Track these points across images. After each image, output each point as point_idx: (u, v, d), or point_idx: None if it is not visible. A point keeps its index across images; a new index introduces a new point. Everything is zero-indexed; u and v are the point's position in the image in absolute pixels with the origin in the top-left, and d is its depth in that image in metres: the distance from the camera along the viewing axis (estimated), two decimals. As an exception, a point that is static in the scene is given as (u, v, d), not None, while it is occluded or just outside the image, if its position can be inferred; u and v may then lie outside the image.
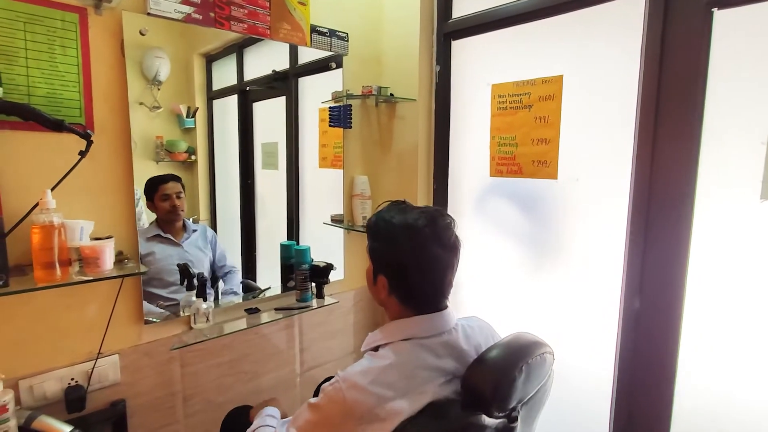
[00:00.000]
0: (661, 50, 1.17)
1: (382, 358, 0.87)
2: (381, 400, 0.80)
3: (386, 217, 0.93)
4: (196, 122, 1.60)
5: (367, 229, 0.97)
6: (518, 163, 1.54)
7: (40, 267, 1.00)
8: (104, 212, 1.20)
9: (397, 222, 0.90)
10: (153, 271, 1.44)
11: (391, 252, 0.91)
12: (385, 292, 0.93)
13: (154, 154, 1.51)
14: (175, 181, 1.52)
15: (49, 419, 1.08)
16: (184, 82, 1.59)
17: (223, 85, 1.72)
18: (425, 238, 0.88)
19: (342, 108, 1.71)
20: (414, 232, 0.88)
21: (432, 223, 0.89)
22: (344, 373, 0.86)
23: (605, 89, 1.32)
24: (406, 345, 0.89)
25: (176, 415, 1.40)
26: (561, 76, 1.40)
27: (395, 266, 0.91)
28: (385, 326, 0.95)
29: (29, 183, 1.07)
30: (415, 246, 0.88)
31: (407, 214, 0.91)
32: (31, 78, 1.08)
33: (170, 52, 1.50)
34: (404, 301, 0.93)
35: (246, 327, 1.47)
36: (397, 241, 0.89)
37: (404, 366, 0.85)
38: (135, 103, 1.41)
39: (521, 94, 1.51)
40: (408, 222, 0.89)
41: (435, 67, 1.76)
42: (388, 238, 0.91)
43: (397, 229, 0.90)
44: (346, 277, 1.85)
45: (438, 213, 0.93)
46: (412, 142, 1.79)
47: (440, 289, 0.93)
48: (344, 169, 1.81)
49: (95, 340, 1.21)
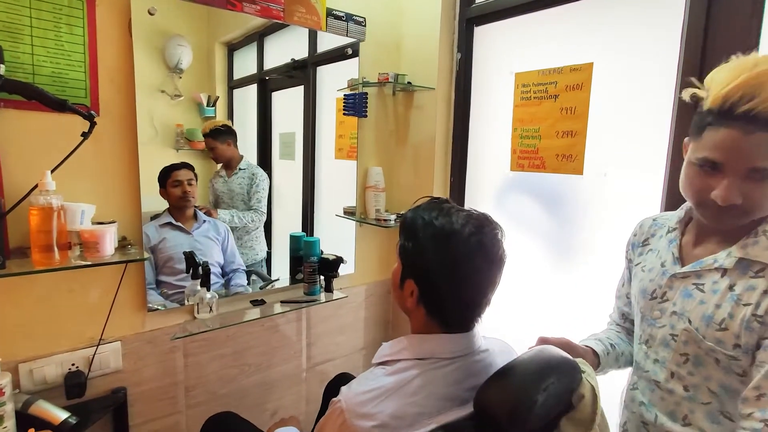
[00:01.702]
0: (705, 34, 1.06)
1: (393, 379, 0.77)
2: (385, 431, 0.71)
3: (426, 217, 0.81)
4: (217, 111, 1.60)
5: (402, 226, 0.85)
6: (541, 156, 1.45)
7: (37, 250, 0.98)
8: (108, 196, 1.18)
9: (439, 224, 0.79)
10: (163, 258, 1.45)
11: (427, 257, 0.79)
12: (413, 300, 0.82)
13: (174, 142, 1.53)
14: (187, 169, 1.52)
15: (47, 404, 1.06)
16: (206, 70, 1.60)
17: (244, 75, 1.73)
18: (470, 248, 0.77)
19: (357, 96, 1.65)
20: (458, 240, 0.77)
21: (480, 231, 0.78)
22: (348, 392, 0.76)
23: (639, 77, 1.21)
24: (423, 366, 0.78)
25: (178, 405, 1.38)
26: (591, 64, 1.30)
27: (430, 274, 0.79)
28: (403, 338, 0.84)
29: (31, 164, 1.05)
30: (458, 255, 0.77)
31: (452, 216, 0.79)
32: (36, 56, 1.06)
33: (192, 40, 1.50)
34: (433, 314, 0.81)
35: (250, 319, 1.44)
36: (436, 246, 0.78)
37: (417, 394, 0.75)
38: (156, 91, 1.45)
39: (547, 84, 1.42)
40: (453, 227, 0.78)
41: (456, 54, 1.68)
42: (426, 241, 0.79)
43: (438, 232, 0.78)
44: (357, 271, 1.80)
45: (487, 220, 0.81)
46: (429, 133, 1.72)
47: (477, 308, 0.82)
48: (358, 160, 1.75)
49: (97, 326, 1.19)
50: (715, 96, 0.70)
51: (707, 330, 0.75)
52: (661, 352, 0.84)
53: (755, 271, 0.72)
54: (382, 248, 1.88)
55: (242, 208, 1.71)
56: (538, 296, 1.50)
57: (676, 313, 0.81)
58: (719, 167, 0.71)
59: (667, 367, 0.83)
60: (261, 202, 1.74)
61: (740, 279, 0.73)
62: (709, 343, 0.75)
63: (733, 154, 0.69)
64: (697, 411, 0.79)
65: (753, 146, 0.67)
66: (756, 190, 0.69)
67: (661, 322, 0.84)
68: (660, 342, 0.84)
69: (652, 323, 0.86)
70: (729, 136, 0.68)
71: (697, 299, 0.78)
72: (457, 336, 0.81)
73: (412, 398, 0.74)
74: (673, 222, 0.89)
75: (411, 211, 0.85)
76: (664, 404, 0.84)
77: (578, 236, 1.38)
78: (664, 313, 0.84)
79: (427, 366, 0.78)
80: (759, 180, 0.68)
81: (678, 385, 0.81)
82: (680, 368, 0.80)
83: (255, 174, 1.74)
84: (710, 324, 0.75)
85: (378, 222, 1.69)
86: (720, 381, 0.76)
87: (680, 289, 0.81)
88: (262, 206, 1.74)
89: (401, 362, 0.79)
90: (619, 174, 1.27)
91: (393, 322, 1.95)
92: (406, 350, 0.81)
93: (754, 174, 0.68)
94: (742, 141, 0.67)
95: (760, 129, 0.65)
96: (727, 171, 0.70)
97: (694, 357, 0.78)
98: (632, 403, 0.91)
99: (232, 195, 1.72)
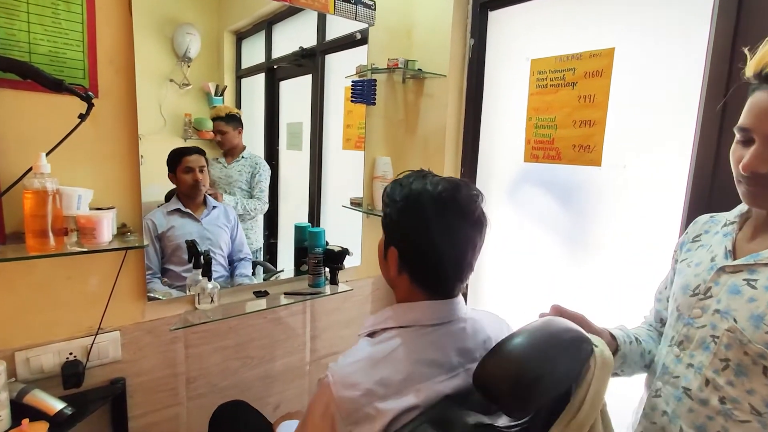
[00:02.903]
0: (738, 15, 0.99)
1: (378, 348, 0.77)
2: (372, 398, 0.70)
3: (403, 182, 0.81)
4: (224, 100, 1.59)
5: (383, 196, 0.85)
6: (557, 147, 1.39)
7: (32, 235, 0.94)
8: (107, 181, 1.14)
9: (415, 187, 0.79)
10: (171, 246, 1.43)
11: (405, 220, 0.79)
12: (395, 268, 0.81)
13: (182, 131, 1.52)
14: (199, 155, 1.48)
15: (42, 394, 1.04)
16: (214, 59, 1.59)
17: (252, 64, 1.71)
18: (445, 207, 0.77)
19: (365, 83, 1.60)
20: (433, 199, 0.77)
21: (453, 189, 0.78)
22: (335, 367, 0.76)
23: (665, 62, 1.14)
24: (407, 334, 0.78)
25: (178, 396, 1.35)
26: (612, 50, 1.24)
27: (409, 237, 0.79)
28: (387, 309, 0.84)
29: (26, 146, 1.01)
30: (434, 215, 0.76)
31: (427, 179, 0.80)
32: (33, 34, 1.02)
33: (201, 29, 1.49)
34: (415, 279, 0.81)
35: (252, 310, 1.40)
36: (413, 209, 0.78)
37: (402, 360, 0.74)
38: (165, 80, 1.45)
39: (564, 70, 1.35)
40: (427, 188, 0.78)
41: (469, 40, 1.62)
42: (403, 205, 0.79)
43: (414, 195, 0.78)
44: (363, 263, 1.75)
45: (463, 183, 0.80)
46: (439, 122, 1.66)
47: (458, 270, 0.80)
48: (366, 150, 1.70)
49: (96, 314, 1.16)
50: (752, 63, 0.67)
51: (756, 332, 0.65)
52: (698, 356, 0.74)
53: None
54: (389, 241, 1.83)
55: (239, 196, 1.69)
56: (552, 290, 1.44)
57: (720, 312, 0.71)
58: (750, 134, 0.66)
59: (703, 374, 0.72)
60: (264, 192, 1.71)
61: None
62: (758, 346, 0.65)
63: (758, 118, 0.64)
64: (732, 430, 0.68)
65: None
66: None
67: (700, 322, 0.74)
68: (697, 344, 0.74)
69: (690, 322, 0.76)
70: (758, 99, 0.65)
71: (747, 296, 0.68)
72: (440, 302, 0.81)
73: (397, 365, 0.73)
74: (732, 216, 0.80)
75: (392, 181, 0.85)
76: (692, 416, 0.72)
77: (594, 230, 1.32)
78: (706, 312, 0.74)
79: (410, 333, 0.78)
80: None
81: (714, 395, 0.70)
82: (718, 376, 0.70)
83: (258, 164, 1.71)
84: (760, 325, 0.65)
85: (385, 213, 1.64)
86: (765, 397, 0.65)
87: (727, 285, 0.72)
88: (264, 196, 1.72)
89: (386, 332, 0.80)
90: (639, 166, 1.21)
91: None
92: (390, 319, 0.81)
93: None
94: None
95: None
96: (756, 136, 0.65)
97: (736, 364, 0.68)
98: (653, 412, 0.80)
99: (230, 181, 1.68)
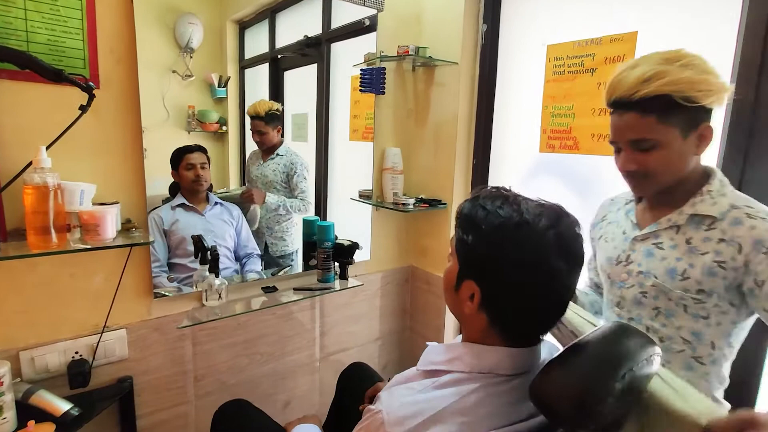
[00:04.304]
0: (775, -6, 0.93)
1: (442, 395, 0.65)
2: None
3: (489, 207, 0.67)
4: (228, 92, 1.58)
5: (458, 217, 0.71)
6: (574, 137, 1.33)
7: (33, 232, 0.91)
8: (110, 175, 1.10)
9: (506, 213, 0.65)
10: (176, 240, 1.44)
11: (493, 253, 0.65)
12: (473, 305, 0.67)
13: (186, 124, 1.51)
14: (200, 152, 1.51)
15: (48, 395, 1.01)
16: (217, 50, 1.58)
17: (255, 54, 1.69)
18: (547, 245, 0.63)
19: (375, 71, 1.55)
20: (532, 232, 0.63)
21: (557, 223, 0.65)
22: (391, 403, 0.65)
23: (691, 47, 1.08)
24: (479, 383, 0.66)
25: (187, 395, 1.33)
26: (635, 33, 1.18)
27: (496, 274, 0.66)
28: (458, 345, 0.71)
29: (26, 139, 0.98)
30: (533, 252, 0.63)
31: (520, 205, 0.66)
32: (30, 22, 0.98)
33: (203, 18, 1.48)
34: (496, 323, 0.68)
35: (261, 307, 1.37)
36: (504, 240, 0.64)
37: (468, 414, 0.63)
38: (167, 71, 1.43)
39: (583, 56, 1.29)
40: (524, 216, 0.64)
41: (482, 26, 1.55)
42: (491, 233, 0.65)
43: (506, 223, 0.65)
44: (373, 257, 1.71)
45: (563, 211, 0.68)
46: (451, 112, 1.61)
47: (552, 318, 0.69)
48: (375, 141, 1.65)
49: (101, 312, 1.13)
50: (604, 94, 0.87)
51: (673, 282, 0.85)
52: (635, 311, 0.92)
53: (707, 225, 0.84)
54: (399, 233, 1.79)
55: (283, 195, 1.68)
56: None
57: (642, 273, 0.90)
58: (618, 145, 0.87)
59: (643, 323, 0.91)
60: (305, 192, 1.68)
61: (695, 233, 0.85)
62: (677, 291, 0.84)
63: (617, 133, 0.86)
64: (673, 360, 0.88)
65: (625, 124, 0.83)
66: (649, 158, 0.83)
67: (629, 283, 0.93)
68: (632, 301, 0.92)
69: (621, 285, 0.94)
70: (612, 121, 0.87)
71: (659, 257, 0.88)
72: (521, 351, 0.68)
73: (462, 418, 0.63)
74: (628, 196, 1.02)
75: (469, 201, 0.71)
76: None
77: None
78: (631, 275, 0.92)
79: (483, 382, 0.66)
80: (645, 150, 0.83)
81: (654, 337, 0.82)
82: (654, 321, 0.89)
83: (294, 163, 1.69)
84: (674, 276, 0.85)
85: (396, 206, 1.60)
86: (690, 328, 0.85)
87: (642, 251, 0.91)
88: (307, 196, 1.68)
89: (453, 374, 0.68)
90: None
91: (411, 312, 1.88)
92: (460, 360, 0.69)
93: (637, 144, 0.83)
94: (618, 121, 0.85)
95: (628, 110, 0.82)
96: (621, 146, 0.87)
97: (665, 309, 0.87)
98: None
99: (266, 181, 1.67)
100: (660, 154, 0.82)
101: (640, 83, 0.79)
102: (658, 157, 0.82)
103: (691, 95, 0.77)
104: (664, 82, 0.77)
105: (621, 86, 0.82)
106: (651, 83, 0.78)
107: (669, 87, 0.77)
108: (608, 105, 0.87)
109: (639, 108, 0.80)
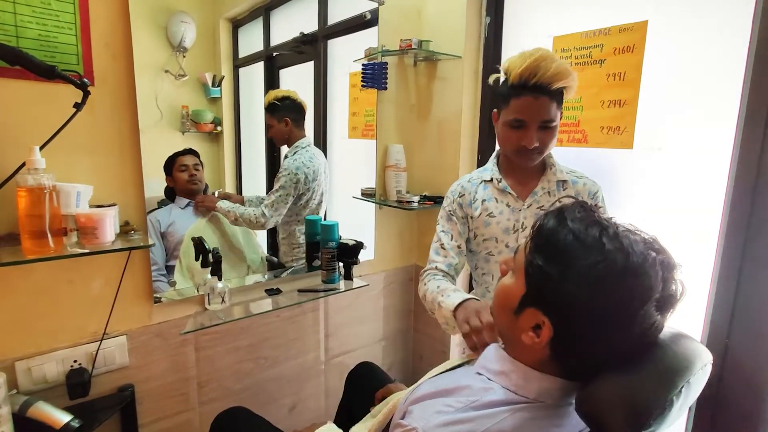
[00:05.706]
0: (792, -20, 0.90)
1: (479, 418, 0.59)
2: None
3: (583, 236, 0.57)
4: (222, 91, 1.56)
5: (539, 236, 0.61)
6: (583, 129, 1.31)
7: (28, 236, 0.87)
8: (107, 177, 1.06)
9: (610, 256, 0.54)
10: (174, 242, 1.42)
11: (584, 300, 0.55)
12: (539, 341, 0.59)
13: (180, 124, 1.48)
14: (192, 155, 1.49)
15: (47, 406, 0.97)
16: (210, 48, 1.55)
17: (250, 52, 1.67)
18: (652, 298, 0.54)
19: (376, 66, 1.51)
20: (639, 287, 0.54)
21: (666, 269, 0.56)
22: (425, 418, 0.60)
23: (704, 35, 1.06)
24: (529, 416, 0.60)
25: (190, 402, 1.29)
26: (645, 23, 1.15)
27: (581, 321, 0.56)
28: (507, 360, 0.66)
29: (18, 139, 0.93)
30: (635, 308, 0.54)
31: (622, 240, 0.56)
32: (20, 16, 0.93)
33: (196, 17, 1.46)
34: (561, 360, 0.61)
35: (265, 310, 1.33)
36: (604, 290, 0.54)
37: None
38: (160, 71, 1.41)
39: (591, 47, 1.27)
40: (632, 262, 0.54)
41: (485, 18, 1.52)
42: (587, 278, 0.55)
43: (612, 271, 0.54)
44: (377, 257, 1.68)
45: (666, 251, 0.58)
46: (454, 107, 1.58)
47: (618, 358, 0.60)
48: (377, 137, 1.62)
49: (100, 319, 1.09)
50: (513, 76, 0.99)
51: None
52: None
53: (563, 187, 1.10)
54: (403, 232, 1.76)
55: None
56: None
57: None
58: (524, 124, 1.01)
59: None
60: (271, 200, 1.52)
61: (558, 193, 1.09)
62: None
63: (530, 113, 0.99)
64: None
65: (541, 106, 0.99)
66: (547, 136, 1.02)
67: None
68: None
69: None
70: (527, 102, 0.99)
71: None
72: (575, 384, 0.62)
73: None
74: (487, 176, 1.16)
75: (555, 217, 0.60)
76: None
77: (625, 217, 1.24)
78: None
79: (534, 417, 0.60)
80: (548, 129, 1.01)
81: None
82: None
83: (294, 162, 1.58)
84: None
85: (399, 204, 1.57)
86: None
87: (531, 217, 1.09)
88: (273, 204, 1.51)
89: (494, 392, 0.63)
90: (677, 148, 1.13)
91: (416, 312, 1.84)
92: (506, 377, 0.64)
93: (545, 125, 1.00)
94: (534, 104, 0.98)
95: (543, 95, 0.98)
96: (530, 125, 1.00)
97: None
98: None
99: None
100: (553, 134, 1.03)
101: (557, 75, 0.96)
102: (552, 136, 1.03)
103: (571, 87, 1.01)
104: (571, 78, 0.98)
105: (544, 74, 0.95)
106: (563, 76, 0.96)
107: (568, 82, 0.98)
108: (522, 86, 0.98)
109: (551, 94, 0.98)
